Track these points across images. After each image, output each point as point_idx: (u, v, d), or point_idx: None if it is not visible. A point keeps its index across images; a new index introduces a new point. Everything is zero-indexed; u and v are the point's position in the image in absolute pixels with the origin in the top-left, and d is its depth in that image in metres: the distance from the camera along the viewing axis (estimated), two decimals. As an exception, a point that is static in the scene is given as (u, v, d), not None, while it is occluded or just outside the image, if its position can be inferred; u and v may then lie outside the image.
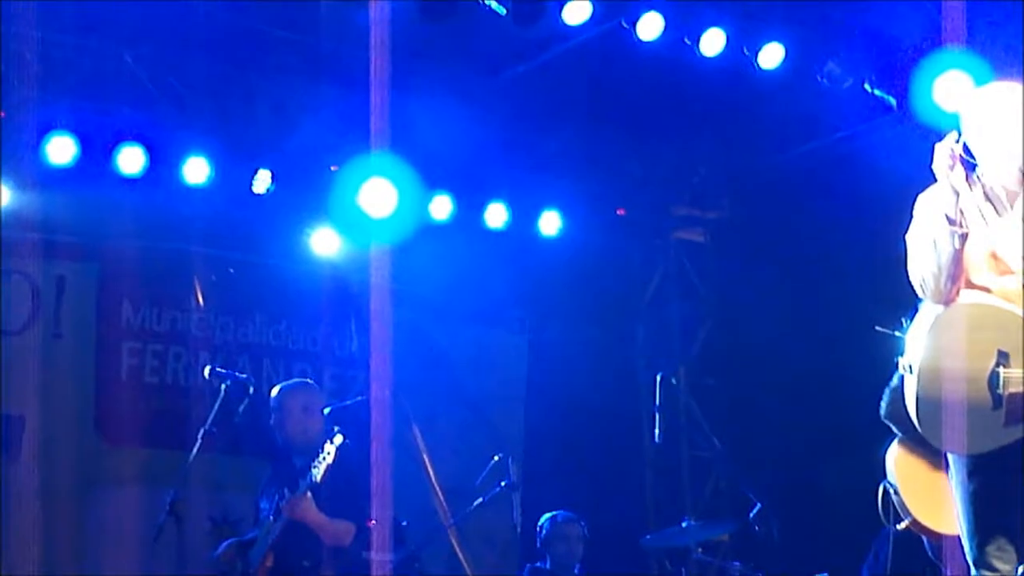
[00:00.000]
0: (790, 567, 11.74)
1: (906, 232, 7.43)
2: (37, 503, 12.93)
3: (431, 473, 13.15)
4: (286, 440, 11.29)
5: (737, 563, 11.65)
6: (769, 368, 13.69)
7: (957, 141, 7.42)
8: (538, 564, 12.35)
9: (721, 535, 12.03)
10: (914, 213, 7.45)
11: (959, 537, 7.48)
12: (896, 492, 9.29)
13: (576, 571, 12.25)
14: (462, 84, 12.91)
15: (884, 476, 9.34)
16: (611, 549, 12.74)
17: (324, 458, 10.57)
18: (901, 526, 9.65)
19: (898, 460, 9.06)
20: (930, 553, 9.48)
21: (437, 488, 13.09)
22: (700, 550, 11.98)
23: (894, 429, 8.17)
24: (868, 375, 8.58)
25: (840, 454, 10.54)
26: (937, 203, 7.32)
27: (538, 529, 12.46)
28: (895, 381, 7.70)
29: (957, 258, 7.19)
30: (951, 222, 7.19)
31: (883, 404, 7.95)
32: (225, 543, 11.47)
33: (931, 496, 8.55)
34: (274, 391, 11.50)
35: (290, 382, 11.86)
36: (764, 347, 13.81)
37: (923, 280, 7.27)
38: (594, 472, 13.93)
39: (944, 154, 7.33)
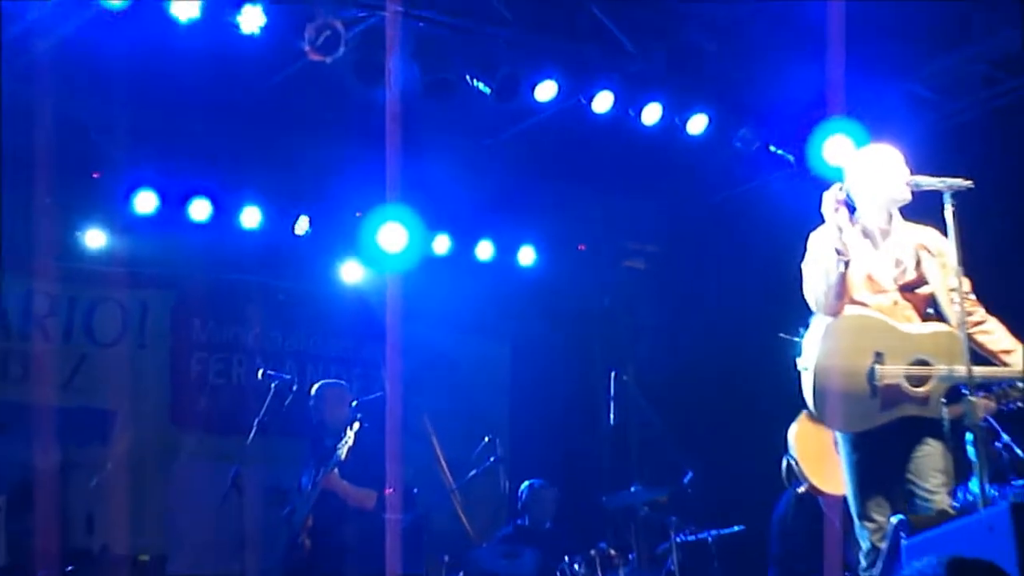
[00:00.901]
0: (714, 521, 11.84)
1: (801, 260, 7.73)
2: (126, 478, 13.01)
3: (437, 450, 13.09)
4: (321, 425, 11.44)
5: (674, 518, 11.64)
6: (697, 366, 13.70)
7: (841, 190, 7.73)
8: (519, 521, 12.46)
9: (661, 496, 12.03)
10: (808, 246, 7.75)
11: (846, 497, 7.76)
12: (796, 463, 9.63)
13: (547, 526, 12.35)
14: (457, 148, 12.93)
15: (786, 450, 9.64)
16: (576, 508, 12.85)
17: (346, 441, 10.74)
18: (800, 489, 10.03)
19: (797, 437, 9.29)
20: (824, 508, 9.67)
21: (442, 462, 13.02)
22: (646, 508, 12.11)
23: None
24: (773, 372, 8.74)
25: (752, 433, 10.71)
26: (826, 238, 7.63)
27: (519, 494, 12.60)
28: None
29: (842, 280, 7.53)
30: (838, 253, 7.51)
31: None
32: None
33: (823, 465, 8.78)
34: (313, 388, 11.67)
35: (325, 381, 11.96)
36: (693, 350, 13.85)
37: (816, 298, 7.60)
38: (563, 448, 14.04)
39: (831, 200, 7.62)
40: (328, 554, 10.88)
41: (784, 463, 9.88)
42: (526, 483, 12.65)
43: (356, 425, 10.88)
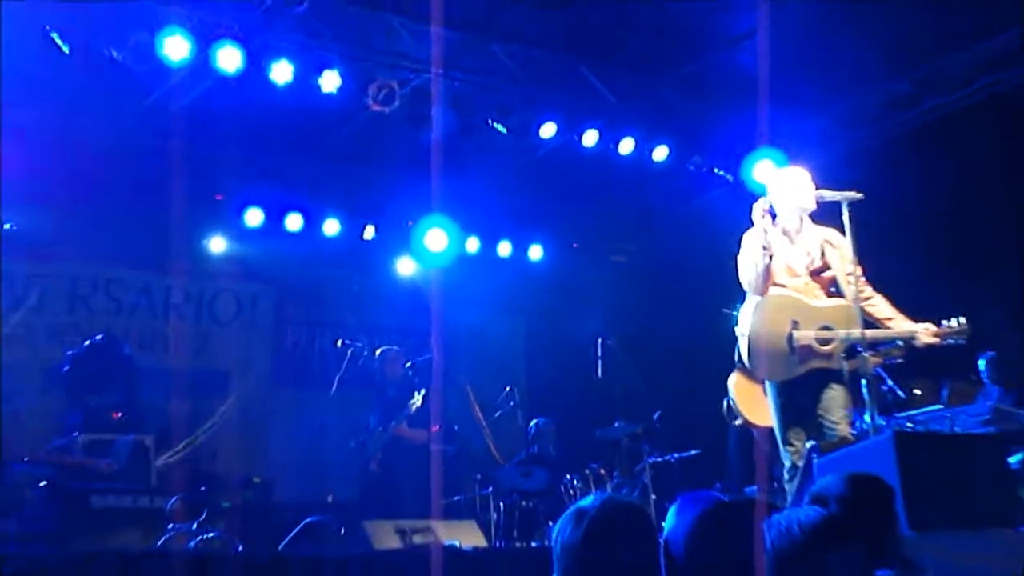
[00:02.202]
0: (676, 447, 11.87)
1: (737, 253, 7.80)
2: (240, 421, 13.18)
3: (471, 397, 13.25)
4: (383, 380, 11.52)
5: (647, 445, 11.63)
6: (663, 333, 13.81)
7: (766, 201, 7.80)
8: (531, 449, 12.42)
9: (637, 429, 11.98)
10: (741, 242, 7.80)
11: (772, 428, 7.84)
12: (734, 403, 9.66)
13: (552, 452, 12.31)
14: (483, 173, 12.90)
15: (727, 394, 9.61)
16: (574, 439, 12.82)
17: (414, 402, 10.93)
18: (737, 423, 10.02)
19: (735, 384, 9.24)
20: (756, 437, 9.66)
21: (475, 406, 13.19)
22: (626, 438, 12.14)
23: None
24: (718, 337, 8.86)
25: (703, 382, 10.71)
26: (754, 237, 7.70)
27: (530, 429, 12.59)
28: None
29: (767, 268, 7.60)
30: (764, 248, 7.59)
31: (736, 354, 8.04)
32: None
33: (755, 405, 8.73)
34: (377, 352, 11.76)
35: (386, 347, 11.97)
36: (660, 321, 13.94)
37: (748, 281, 7.69)
38: (564, 395, 14.01)
39: (759, 210, 7.69)
40: (393, 477, 10.93)
41: (725, 403, 9.90)
42: (535, 421, 12.62)
43: (422, 392, 10.95)
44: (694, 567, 3.72)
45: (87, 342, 11.34)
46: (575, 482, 11.26)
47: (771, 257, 7.67)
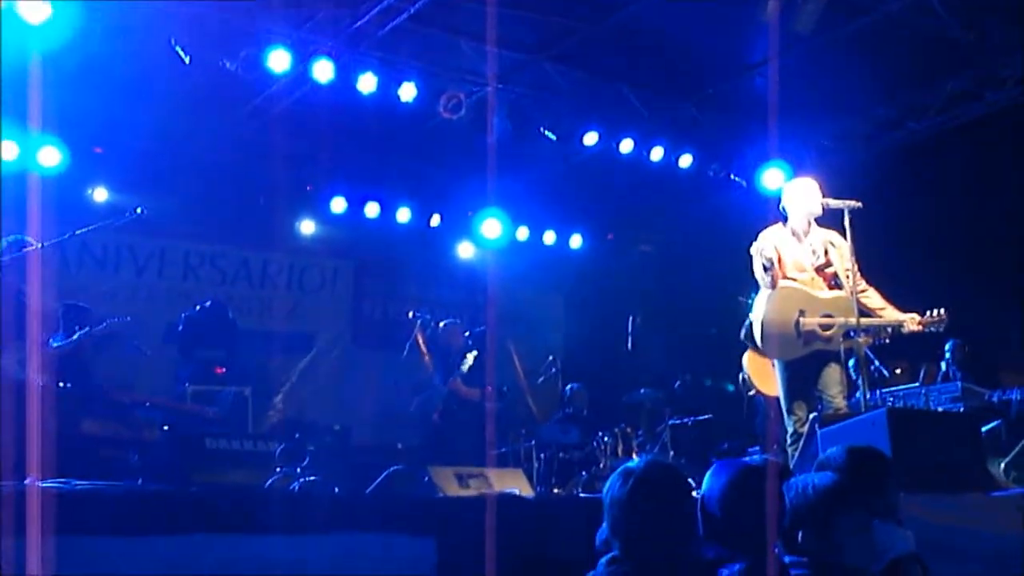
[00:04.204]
0: (692, 412, 11.76)
1: (748, 247, 7.70)
2: (324, 376, 13.31)
3: (517, 364, 13.20)
4: (447, 347, 11.36)
5: (667, 410, 11.66)
6: (685, 314, 13.72)
7: (779, 205, 7.87)
8: (567, 410, 12.28)
9: (660, 396, 12.01)
10: (758, 237, 7.77)
11: (779, 398, 7.82)
12: (748, 376, 9.67)
13: (585, 413, 12.18)
14: (533, 172, 12.88)
15: (741, 368, 9.70)
16: (605, 402, 12.72)
17: (467, 361, 10.83)
18: (751, 393, 10.08)
19: (749, 361, 9.28)
20: (764, 405, 9.79)
21: (520, 371, 13.17)
22: (649, 403, 12.14)
23: (748, 344, 8.15)
24: (729, 318, 8.85)
25: (718, 359, 10.73)
26: (766, 243, 7.70)
27: (566, 392, 12.45)
28: (746, 327, 7.84)
29: (773, 276, 7.60)
30: (766, 268, 7.58)
31: (742, 334, 7.90)
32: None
33: (765, 378, 8.72)
34: (441, 324, 11.64)
35: (448, 320, 11.82)
36: (682, 304, 13.85)
37: (761, 276, 7.63)
38: (597, 364, 13.87)
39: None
40: (451, 428, 10.92)
41: (740, 377, 9.93)
42: (570, 385, 12.51)
43: (475, 352, 10.90)
44: (727, 521, 3.78)
45: (197, 306, 11.46)
46: (605, 439, 11.21)
47: (773, 265, 7.62)
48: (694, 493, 3.97)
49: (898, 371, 11.27)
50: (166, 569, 4.33)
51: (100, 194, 11.97)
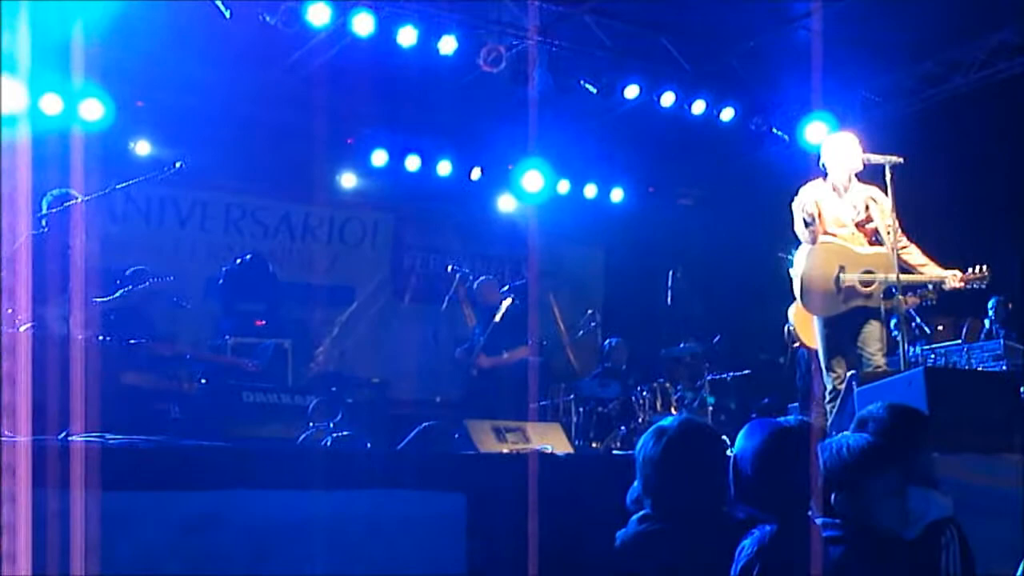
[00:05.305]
0: (732, 367, 11.83)
1: (790, 202, 7.68)
2: (363, 328, 13.32)
3: (557, 317, 13.06)
4: (485, 302, 11.18)
5: (707, 363, 11.69)
6: (725, 268, 13.60)
7: (819, 161, 7.79)
8: (606, 364, 12.23)
9: (699, 350, 12.02)
10: (799, 192, 7.72)
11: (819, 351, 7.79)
12: (793, 329, 9.63)
13: (623, 367, 12.14)
14: (575, 123, 12.78)
15: (787, 320, 9.68)
16: (645, 357, 12.76)
17: (501, 308, 10.78)
18: (795, 344, 10.06)
19: (795, 314, 9.22)
20: (806, 358, 9.83)
21: (560, 325, 13.04)
22: (689, 357, 12.20)
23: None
24: (776, 276, 8.73)
25: (764, 311, 10.69)
26: (807, 193, 7.65)
27: (605, 346, 12.42)
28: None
29: (813, 231, 7.55)
30: (807, 223, 7.54)
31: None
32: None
33: (808, 331, 8.57)
34: (480, 279, 11.53)
35: (484, 277, 11.74)
36: (723, 258, 13.73)
37: (801, 231, 7.58)
38: (637, 318, 13.76)
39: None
40: (490, 381, 10.88)
41: (786, 329, 9.94)
42: (609, 340, 12.49)
43: (508, 300, 10.82)
44: (759, 482, 3.76)
45: (238, 259, 11.49)
46: (644, 393, 11.25)
47: (814, 220, 7.55)
48: (728, 452, 3.96)
49: (940, 328, 11.21)
50: (197, 523, 4.35)
51: (143, 147, 12.02)
